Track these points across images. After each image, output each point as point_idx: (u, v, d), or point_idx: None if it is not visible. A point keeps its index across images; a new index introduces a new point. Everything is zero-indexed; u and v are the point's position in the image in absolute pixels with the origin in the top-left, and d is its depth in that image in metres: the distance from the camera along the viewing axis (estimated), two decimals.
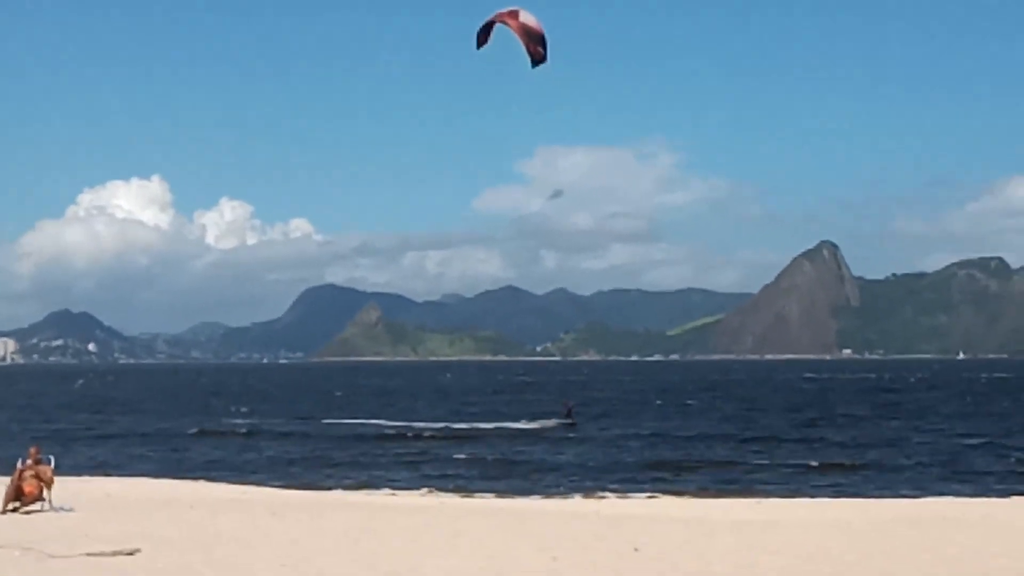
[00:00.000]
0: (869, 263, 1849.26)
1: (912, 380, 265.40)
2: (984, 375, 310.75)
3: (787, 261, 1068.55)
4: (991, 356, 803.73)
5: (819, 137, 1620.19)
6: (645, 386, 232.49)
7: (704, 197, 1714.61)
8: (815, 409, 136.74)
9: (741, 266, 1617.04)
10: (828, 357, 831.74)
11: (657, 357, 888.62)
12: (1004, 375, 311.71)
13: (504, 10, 25.33)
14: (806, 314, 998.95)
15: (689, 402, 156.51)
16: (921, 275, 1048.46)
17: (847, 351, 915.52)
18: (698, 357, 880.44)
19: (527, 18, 24.79)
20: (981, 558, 30.54)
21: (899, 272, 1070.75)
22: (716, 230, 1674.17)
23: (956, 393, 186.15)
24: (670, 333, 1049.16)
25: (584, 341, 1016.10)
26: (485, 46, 26.28)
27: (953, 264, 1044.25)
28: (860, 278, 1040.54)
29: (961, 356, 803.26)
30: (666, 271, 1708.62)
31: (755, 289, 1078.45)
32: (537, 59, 25.16)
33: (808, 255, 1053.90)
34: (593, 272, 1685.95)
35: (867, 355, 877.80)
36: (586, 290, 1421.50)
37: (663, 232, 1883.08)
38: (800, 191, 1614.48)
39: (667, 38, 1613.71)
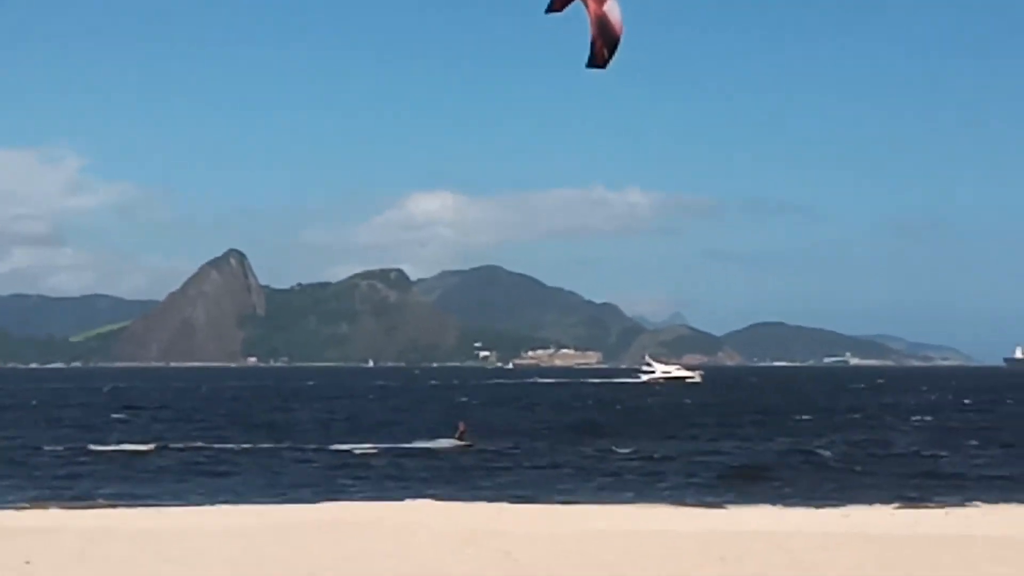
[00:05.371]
0: (277, 273, 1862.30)
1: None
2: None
3: (196, 268, 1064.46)
4: (390, 364, 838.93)
5: (230, 145, 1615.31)
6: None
7: (112, 202, 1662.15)
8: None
9: (149, 272, 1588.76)
10: (233, 365, 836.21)
11: (59, 364, 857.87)
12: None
13: None
14: (213, 322, 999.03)
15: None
16: (326, 285, 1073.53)
17: (252, 359, 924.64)
18: (102, 364, 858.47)
19: (612, 10, 20.00)
20: (371, 559, 32.39)
21: (305, 282, 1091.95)
22: (124, 235, 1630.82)
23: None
24: (73, 340, 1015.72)
25: None
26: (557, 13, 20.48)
27: (357, 275, 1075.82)
28: (267, 287, 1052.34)
29: (370, 364, 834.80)
30: (70, 276, 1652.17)
31: (162, 296, 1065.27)
32: (598, 62, 20.33)
33: (215, 263, 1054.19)
34: None
35: (272, 363, 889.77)
36: None
37: (68, 237, 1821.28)
38: (210, 198, 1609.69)
39: (70, 38, 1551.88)
